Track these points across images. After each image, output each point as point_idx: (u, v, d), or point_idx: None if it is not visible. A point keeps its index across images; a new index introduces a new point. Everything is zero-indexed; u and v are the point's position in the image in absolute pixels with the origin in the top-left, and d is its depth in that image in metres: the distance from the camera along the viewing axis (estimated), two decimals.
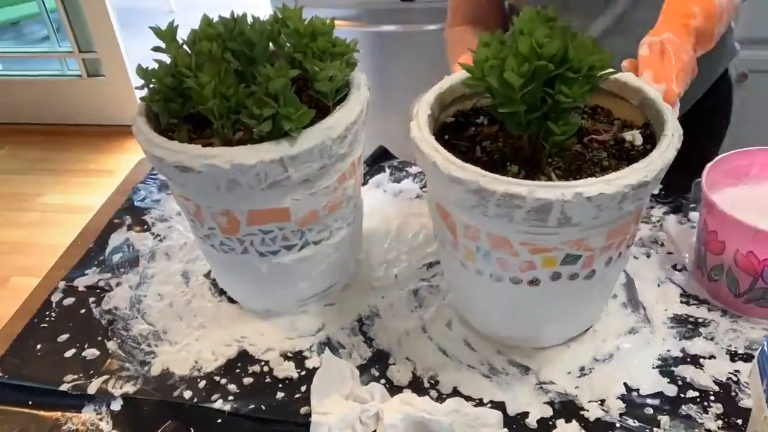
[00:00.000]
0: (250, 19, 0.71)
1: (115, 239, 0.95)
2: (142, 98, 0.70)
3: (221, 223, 0.70)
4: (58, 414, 0.72)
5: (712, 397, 0.68)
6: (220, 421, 0.70)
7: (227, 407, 0.71)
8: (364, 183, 1.00)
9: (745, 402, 0.67)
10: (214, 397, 0.72)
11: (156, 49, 0.70)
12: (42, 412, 0.72)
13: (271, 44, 0.73)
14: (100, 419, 0.71)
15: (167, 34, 0.70)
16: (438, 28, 1.65)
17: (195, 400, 0.72)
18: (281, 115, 0.63)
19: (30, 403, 0.73)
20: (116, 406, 0.72)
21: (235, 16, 0.71)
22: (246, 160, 0.63)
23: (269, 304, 0.81)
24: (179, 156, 0.64)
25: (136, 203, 1.02)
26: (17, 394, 0.74)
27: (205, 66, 0.65)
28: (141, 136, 0.67)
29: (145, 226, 0.97)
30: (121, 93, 2.84)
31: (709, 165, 0.77)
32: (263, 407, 0.70)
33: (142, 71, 0.68)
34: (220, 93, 0.63)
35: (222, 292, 0.84)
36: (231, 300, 0.83)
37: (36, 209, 2.49)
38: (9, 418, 0.72)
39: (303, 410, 0.69)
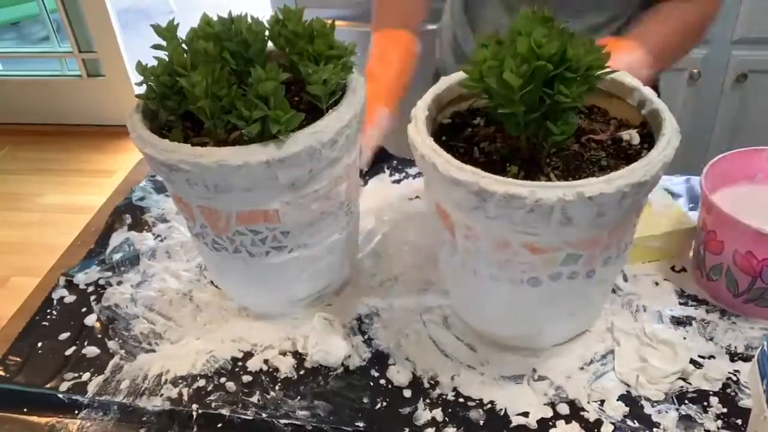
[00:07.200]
0: (249, 20, 0.71)
1: (116, 238, 0.96)
2: (138, 95, 0.70)
3: (211, 221, 0.70)
4: (53, 420, 0.72)
5: (711, 397, 0.68)
6: (220, 425, 0.70)
7: (227, 411, 0.71)
8: (364, 183, 1.00)
9: (745, 402, 0.67)
10: (213, 396, 0.72)
11: (156, 46, 0.70)
12: (36, 418, 0.72)
13: (273, 45, 0.73)
14: (96, 425, 0.71)
15: (168, 32, 0.70)
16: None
17: (194, 398, 0.72)
18: (270, 118, 0.62)
19: (25, 409, 0.73)
20: (112, 412, 0.72)
21: (233, 16, 0.71)
22: (232, 161, 0.62)
23: (263, 303, 0.80)
24: (168, 154, 0.64)
25: (135, 202, 1.02)
26: (11, 399, 0.74)
27: (200, 65, 0.65)
28: (134, 133, 0.68)
29: (146, 226, 0.98)
30: (121, 93, 2.84)
31: (708, 164, 0.77)
32: (263, 405, 0.70)
33: (141, 67, 0.69)
34: (212, 93, 0.63)
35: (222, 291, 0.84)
36: (231, 299, 0.83)
37: (36, 209, 2.49)
38: (3, 425, 0.72)
39: (301, 412, 0.70)
